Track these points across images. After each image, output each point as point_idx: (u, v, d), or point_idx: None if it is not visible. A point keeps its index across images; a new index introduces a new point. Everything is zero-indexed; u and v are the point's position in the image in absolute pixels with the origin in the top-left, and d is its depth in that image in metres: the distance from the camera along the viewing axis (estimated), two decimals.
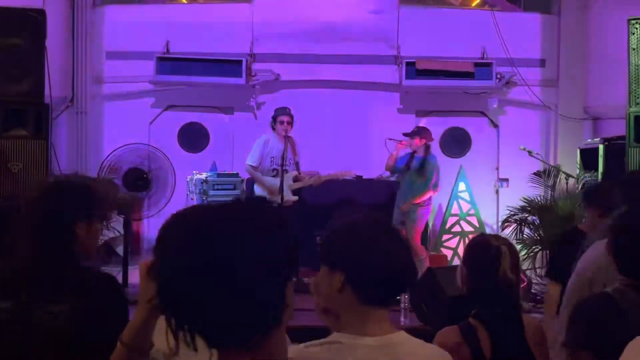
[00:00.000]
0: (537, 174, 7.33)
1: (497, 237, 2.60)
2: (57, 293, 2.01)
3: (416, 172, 6.83)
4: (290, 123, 6.78)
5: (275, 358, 1.13)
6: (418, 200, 6.80)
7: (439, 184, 7.01)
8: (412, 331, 5.00)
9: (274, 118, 6.86)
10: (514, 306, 2.46)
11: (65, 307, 1.98)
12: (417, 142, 6.92)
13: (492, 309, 2.41)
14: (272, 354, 1.13)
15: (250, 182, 7.12)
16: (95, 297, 2.03)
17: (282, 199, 6.58)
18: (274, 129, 6.87)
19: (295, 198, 6.88)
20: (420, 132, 7.00)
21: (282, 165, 6.59)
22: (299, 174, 6.93)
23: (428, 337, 2.49)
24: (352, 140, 8.34)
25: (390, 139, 7.00)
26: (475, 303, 2.47)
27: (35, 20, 5.32)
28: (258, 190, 6.86)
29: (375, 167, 8.01)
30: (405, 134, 7.04)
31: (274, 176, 6.79)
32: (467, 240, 7.03)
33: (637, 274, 2.40)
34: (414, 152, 6.95)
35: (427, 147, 6.96)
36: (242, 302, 1.07)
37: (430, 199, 6.91)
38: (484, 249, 2.45)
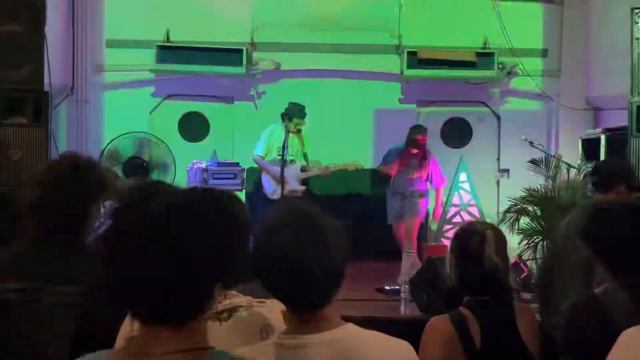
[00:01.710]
0: (534, 161, 7.25)
1: (483, 223, 2.57)
2: (67, 275, 1.99)
3: (418, 167, 6.76)
4: (304, 123, 6.72)
5: (197, 341, 1.21)
6: (416, 175, 6.75)
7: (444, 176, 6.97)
8: (413, 321, 4.99)
9: (289, 117, 6.69)
10: (503, 293, 2.43)
11: (75, 290, 1.96)
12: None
13: (481, 296, 2.40)
14: (194, 336, 1.21)
15: (259, 171, 7.11)
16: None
17: (282, 189, 6.56)
18: (284, 121, 6.77)
19: (303, 188, 6.87)
20: (426, 140, 6.89)
21: (282, 155, 6.56)
22: (307, 164, 6.90)
23: None
24: (352, 130, 8.31)
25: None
26: (465, 291, 2.46)
27: (34, 7, 5.28)
28: (265, 179, 6.85)
29: (375, 157, 7.99)
30: (416, 148, 6.80)
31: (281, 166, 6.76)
32: None
33: (628, 273, 2.26)
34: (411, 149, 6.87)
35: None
36: (186, 284, 1.17)
37: (428, 190, 6.87)
38: (469, 235, 2.43)
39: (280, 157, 6.67)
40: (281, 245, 1.51)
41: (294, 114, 6.71)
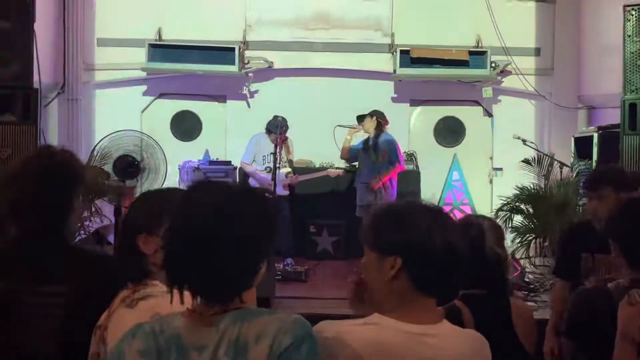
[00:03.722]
0: (526, 161, 7.26)
1: (478, 216, 2.56)
2: (52, 274, 1.93)
3: (374, 152, 6.85)
4: (284, 133, 6.95)
5: (247, 306, 1.48)
6: (388, 177, 6.83)
7: (402, 159, 7.04)
8: None
9: (269, 131, 6.99)
10: (500, 288, 2.41)
11: (60, 289, 1.91)
12: (367, 123, 6.90)
13: (477, 289, 2.37)
14: (244, 305, 1.47)
15: (246, 175, 7.21)
16: (90, 279, 1.94)
17: (274, 192, 6.59)
18: (266, 132, 7.01)
19: (287, 193, 6.96)
20: (372, 113, 6.98)
21: (274, 163, 6.59)
22: (292, 171, 7.10)
23: None
24: (344, 129, 8.27)
25: (340, 126, 7.06)
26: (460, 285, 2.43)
27: (23, 3, 5.22)
28: (253, 184, 6.87)
29: None
30: (358, 118, 7.06)
31: (268, 172, 6.83)
32: None
33: None
34: (369, 136, 6.97)
35: (379, 125, 6.93)
36: (230, 271, 1.43)
37: (394, 179, 6.92)
38: (467, 228, 2.40)
39: (265, 164, 7.01)
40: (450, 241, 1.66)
41: (272, 128, 6.95)
